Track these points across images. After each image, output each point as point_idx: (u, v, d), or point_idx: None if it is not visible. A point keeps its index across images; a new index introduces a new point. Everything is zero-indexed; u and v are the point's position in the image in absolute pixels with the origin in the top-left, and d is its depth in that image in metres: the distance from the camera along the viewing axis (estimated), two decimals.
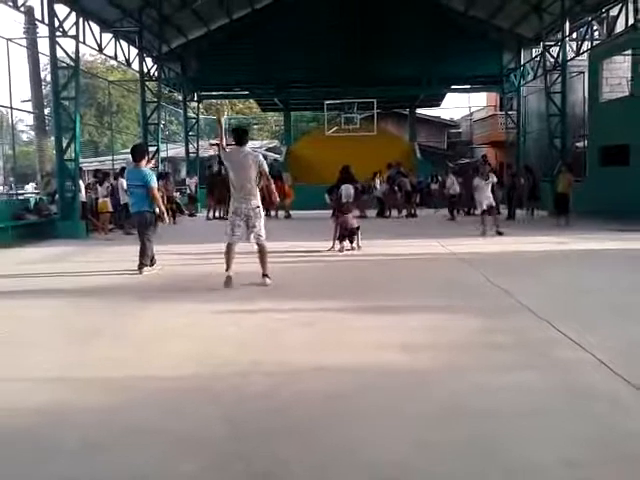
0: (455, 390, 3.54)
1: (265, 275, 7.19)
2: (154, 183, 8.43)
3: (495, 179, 13.22)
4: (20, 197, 17.24)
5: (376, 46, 23.32)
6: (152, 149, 19.81)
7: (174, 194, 19.24)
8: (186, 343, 4.73)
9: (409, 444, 2.84)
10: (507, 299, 6.17)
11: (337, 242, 10.55)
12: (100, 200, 15.21)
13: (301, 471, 2.61)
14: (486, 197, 12.94)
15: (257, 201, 7.06)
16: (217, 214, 19.62)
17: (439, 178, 23.06)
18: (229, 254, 7.14)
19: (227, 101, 45.02)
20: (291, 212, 20.48)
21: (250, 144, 38.07)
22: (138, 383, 3.78)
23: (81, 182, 15.48)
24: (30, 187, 25.99)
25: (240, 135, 7.28)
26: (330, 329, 5.11)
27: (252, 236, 7.10)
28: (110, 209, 15.26)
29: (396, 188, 19.71)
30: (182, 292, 6.99)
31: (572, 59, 19.83)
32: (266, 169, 7.18)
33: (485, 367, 3.98)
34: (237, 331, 5.09)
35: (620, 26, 16.71)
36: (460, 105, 73.77)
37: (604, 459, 2.65)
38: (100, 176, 16.01)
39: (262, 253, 7.20)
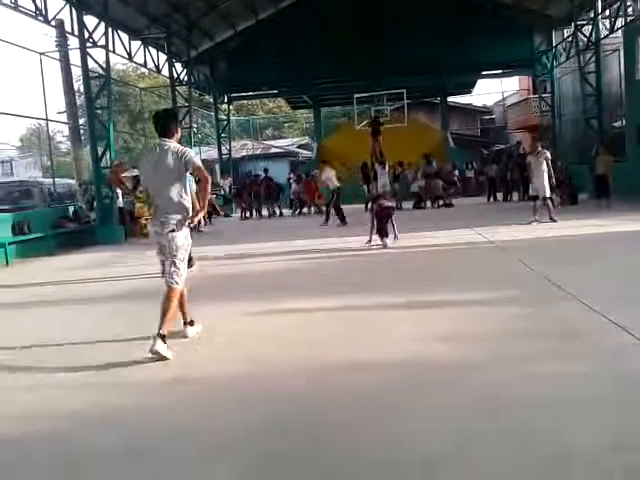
0: (499, 380, 3.48)
1: (159, 335, 4.36)
2: (193, 186, 8.50)
3: (549, 155, 12.30)
4: (59, 206, 17.63)
5: (404, 36, 23.06)
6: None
7: (210, 196, 19.41)
8: (224, 343, 4.76)
9: (452, 437, 2.80)
10: (548, 286, 6.03)
11: (375, 235, 10.42)
12: (137, 205, 15.47)
13: (348, 468, 2.59)
14: (538, 179, 12.12)
15: (175, 223, 4.62)
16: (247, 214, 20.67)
17: (474, 165, 22.81)
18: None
19: (257, 101, 45.27)
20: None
21: (281, 142, 37.96)
22: (177, 385, 3.81)
23: (118, 189, 15.75)
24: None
25: (161, 121, 4.82)
26: (369, 323, 5.08)
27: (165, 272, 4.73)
28: (147, 215, 15.52)
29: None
30: (219, 291, 7.05)
31: (605, 37, 19.31)
32: (199, 164, 4.72)
33: (529, 356, 3.90)
34: (275, 329, 5.10)
35: None
36: (492, 91, 72.72)
37: None
38: (135, 182, 16.27)
39: (167, 300, 4.57)
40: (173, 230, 4.60)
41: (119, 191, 15.68)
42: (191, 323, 5.04)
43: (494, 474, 2.45)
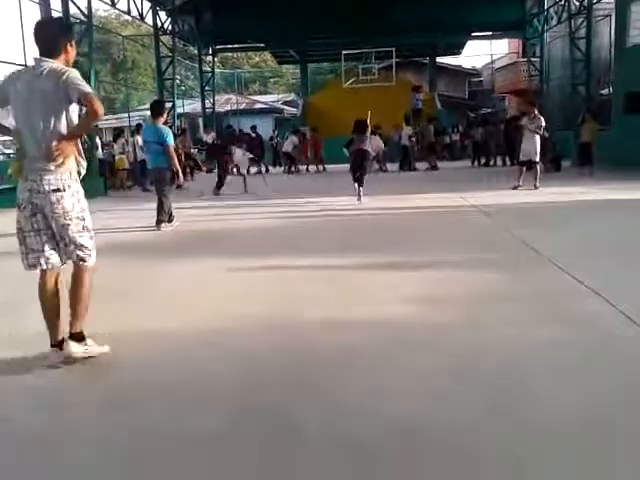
0: (474, 343, 3.50)
1: (75, 335, 3.36)
2: (171, 140, 8.38)
3: (544, 122, 12.14)
4: None
5: None
6: (168, 105, 19.67)
7: (191, 150, 19.16)
8: (202, 299, 4.73)
9: (426, 396, 2.82)
10: (528, 251, 6.06)
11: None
12: (117, 157, 15.23)
13: (316, 423, 2.60)
14: (530, 144, 12.06)
15: (60, 177, 3.27)
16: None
17: (460, 128, 22.73)
18: (43, 297, 3.42)
19: (243, 54, 44.43)
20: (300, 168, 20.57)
21: (266, 97, 37.49)
22: (155, 339, 3.79)
23: (98, 139, 15.46)
24: None
25: (42, 33, 3.37)
26: (347, 284, 5.07)
27: (64, 253, 3.39)
28: (127, 166, 15.31)
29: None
30: (199, 248, 7.00)
31: (598, 2, 19.09)
32: (88, 89, 3.20)
33: (504, 320, 3.91)
34: (252, 286, 5.09)
35: None
36: (481, 53, 72.06)
37: (626, 410, 2.60)
38: (115, 133, 16.02)
39: (77, 286, 3.40)
40: (58, 189, 3.26)
41: (99, 141, 15.44)
42: (77, 337, 3.39)
43: (463, 440, 2.46)
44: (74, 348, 3.32)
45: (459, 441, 2.42)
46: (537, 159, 12.10)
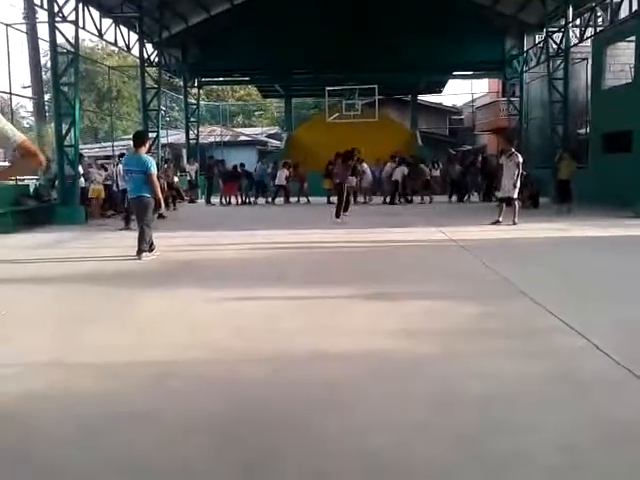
0: (452, 375, 3.53)
1: None
2: (154, 170, 8.42)
3: (521, 159, 12.25)
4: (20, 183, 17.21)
5: (378, 32, 23.06)
6: (152, 135, 19.77)
7: (174, 180, 19.20)
8: (184, 329, 4.72)
9: (405, 431, 2.83)
10: (505, 285, 6.15)
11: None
12: (92, 186, 15.20)
13: (296, 456, 2.60)
14: (508, 180, 12.24)
15: None
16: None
17: (440, 165, 23.05)
18: None
19: (228, 87, 44.86)
20: (291, 199, 20.89)
21: (250, 130, 37.79)
22: (135, 368, 3.77)
23: (81, 168, 15.44)
24: None
25: None
26: (327, 315, 5.09)
27: None
28: (102, 196, 15.34)
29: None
30: (180, 278, 6.98)
31: (575, 45, 19.69)
32: (21, 137, 2.90)
33: (481, 353, 3.97)
34: (235, 317, 5.08)
35: (624, 12, 16.55)
36: (462, 92, 73.51)
37: (598, 444, 2.64)
38: (96, 164, 16.05)
39: None
40: None
41: (81, 170, 15.42)
42: None
43: (441, 472, 2.48)
44: None
45: (439, 475, 2.44)
46: (515, 195, 12.32)
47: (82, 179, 15.36)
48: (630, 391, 3.26)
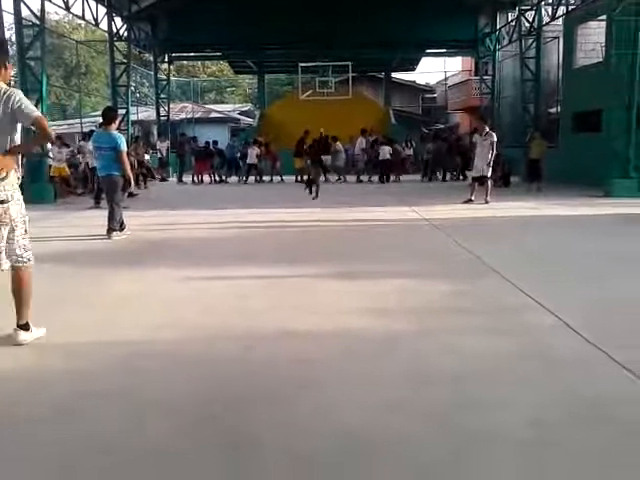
0: (425, 353, 3.56)
1: (21, 326, 3.79)
2: (124, 147, 8.28)
3: (495, 138, 12.33)
4: None
5: (351, 8, 22.81)
6: (122, 112, 19.39)
7: (145, 158, 18.91)
8: (154, 309, 4.67)
9: (378, 408, 2.84)
10: (476, 264, 6.21)
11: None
12: (53, 164, 14.89)
13: (271, 435, 2.59)
14: (482, 159, 12.34)
15: (4, 187, 3.62)
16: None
17: (413, 143, 23.09)
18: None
19: (199, 63, 44.19)
20: (264, 178, 20.80)
21: (222, 107, 37.29)
22: (106, 348, 3.72)
23: (49, 145, 15.10)
24: None
25: None
26: (299, 294, 5.08)
27: (4, 255, 3.76)
28: (68, 174, 15.05)
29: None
30: (151, 257, 6.90)
31: (547, 24, 19.76)
32: (37, 114, 3.66)
33: (454, 330, 4.00)
34: (205, 296, 5.05)
35: None
36: (435, 70, 73.48)
37: (567, 420, 2.68)
38: (57, 141, 15.63)
39: (20, 285, 3.79)
40: (3, 201, 3.62)
41: (50, 147, 15.08)
42: (26, 326, 3.83)
43: (413, 448, 2.50)
44: (22, 336, 3.75)
45: (412, 452, 2.45)
46: (488, 175, 12.40)
47: (50, 157, 15.06)
48: (599, 369, 3.31)
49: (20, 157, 3.84)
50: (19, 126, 3.72)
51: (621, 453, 2.42)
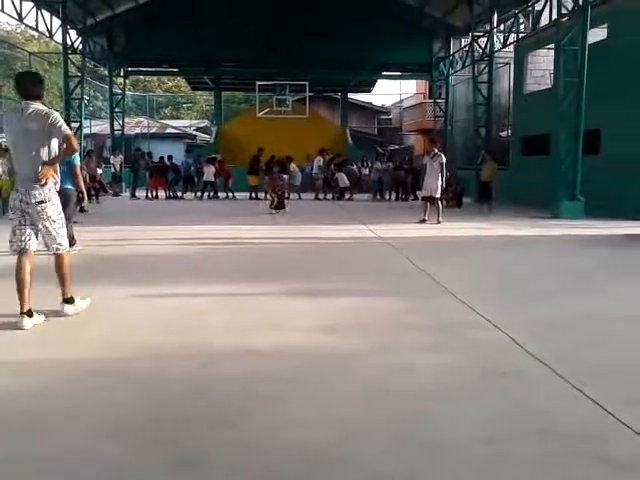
0: (378, 370, 3.59)
1: (66, 300, 4.84)
2: (77, 161, 8.10)
3: (444, 160, 12.61)
4: None
5: (309, 29, 23.10)
6: (75, 125, 19.07)
7: (98, 172, 18.59)
8: (105, 326, 4.58)
9: (334, 425, 2.85)
10: (429, 282, 6.31)
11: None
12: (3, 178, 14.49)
13: (225, 454, 2.57)
14: (431, 180, 12.52)
15: (43, 192, 4.49)
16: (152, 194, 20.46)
17: (369, 163, 23.39)
18: (20, 272, 4.57)
19: (155, 78, 43.87)
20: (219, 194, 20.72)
21: (178, 122, 37.00)
22: (58, 367, 3.63)
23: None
24: None
25: (25, 83, 4.59)
26: (255, 312, 5.07)
27: (46, 245, 4.79)
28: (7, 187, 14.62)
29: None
30: (103, 274, 6.77)
31: (499, 50, 20.40)
32: (68, 131, 4.56)
33: (407, 348, 4.05)
34: (159, 314, 4.98)
35: (545, 20, 17.27)
36: (391, 92, 74.68)
37: (518, 435, 2.75)
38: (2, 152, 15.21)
39: (61, 268, 4.82)
40: (42, 202, 4.49)
41: None
42: (71, 300, 4.88)
43: (370, 465, 2.51)
44: (67, 309, 4.79)
45: (367, 469, 2.47)
46: (438, 195, 12.62)
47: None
48: (546, 384, 3.40)
49: (58, 167, 4.72)
50: (54, 140, 4.52)
51: (566, 465, 2.49)
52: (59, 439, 2.69)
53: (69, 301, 4.83)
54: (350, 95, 33.33)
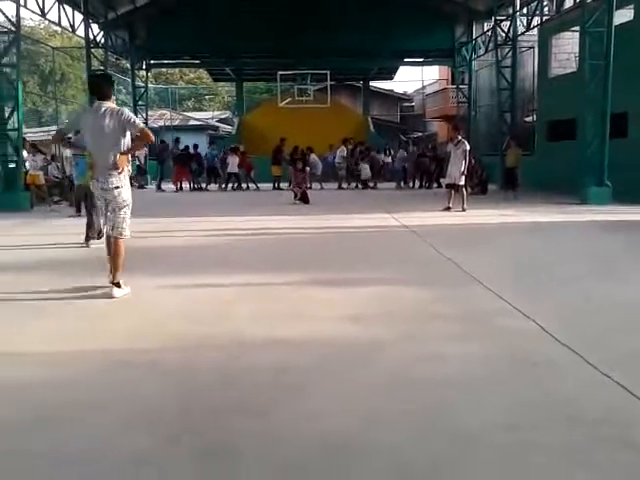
0: (403, 359, 3.60)
1: (115, 283, 5.24)
2: None
3: (468, 147, 12.46)
4: None
5: (330, 16, 23.00)
6: None
7: None
8: (135, 317, 4.65)
9: (360, 414, 2.87)
10: (455, 270, 6.28)
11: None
12: (30, 171, 14.72)
13: (253, 444, 2.60)
14: (454, 167, 12.43)
15: (119, 178, 5.14)
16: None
17: (391, 151, 23.27)
18: (108, 248, 5.40)
19: (177, 70, 44.05)
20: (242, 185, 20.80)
21: (201, 114, 37.15)
22: (87, 358, 3.69)
23: (24, 152, 14.95)
24: None
25: (98, 84, 5.28)
26: (281, 302, 5.10)
27: (108, 227, 5.36)
28: (42, 182, 14.84)
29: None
30: (130, 265, 6.84)
31: (522, 34, 20.09)
32: (142, 124, 5.29)
33: (433, 337, 4.05)
34: (188, 305, 5.04)
35: (569, 2, 16.97)
36: (413, 78, 74.07)
37: (544, 422, 2.74)
38: (32, 149, 15.44)
39: (116, 252, 5.27)
40: (118, 187, 5.11)
41: (25, 154, 14.94)
42: (118, 284, 5.24)
43: (394, 454, 2.53)
44: (115, 292, 5.14)
45: (393, 458, 2.48)
46: (461, 182, 12.52)
47: (27, 163, 14.90)
48: (574, 371, 3.38)
49: (130, 156, 5.39)
50: (128, 134, 5.10)
51: (591, 451, 2.48)
52: (87, 430, 2.74)
53: (118, 285, 5.20)
54: (372, 83, 33.14)
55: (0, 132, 14.31)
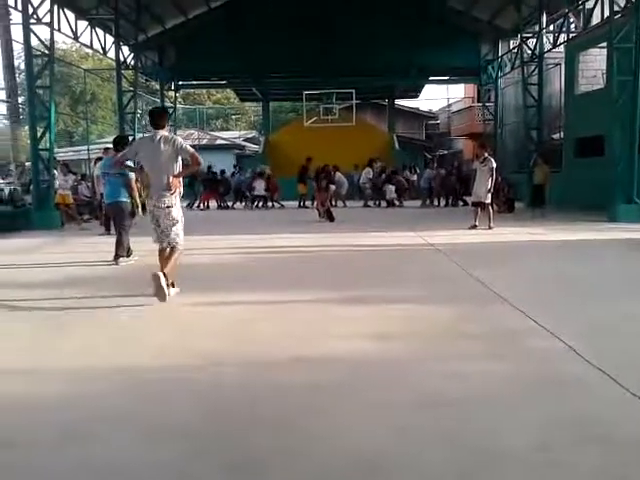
0: (431, 378, 3.58)
1: (169, 285, 5.70)
2: (132, 174, 8.35)
3: (494, 164, 12.30)
4: None
5: (355, 36, 23.21)
6: (130, 139, 19.60)
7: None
8: (163, 334, 4.70)
9: (388, 432, 2.86)
10: (481, 289, 6.23)
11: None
12: (59, 191, 14.96)
13: (279, 461, 2.61)
14: (480, 185, 12.32)
15: (171, 199, 5.79)
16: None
17: (417, 169, 23.26)
18: (160, 258, 6.00)
19: (205, 91, 44.71)
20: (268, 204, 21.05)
21: (228, 134, 37.52)
22: (115, 374, 3.74)
23: (56, 172, 15.28)
24: None
25: (155, 117, 6.00)
26: (307, 320, 5.11)
27: (165, 243, 5.92)
28: (71, 201, 15.05)
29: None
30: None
31: (549, 51, 20.00)
32: (192, 150, 5.87)
33: (460, 356, 4.02)
34: (214, 322, 5.08)
35: (596, 18, 16.86)
36: (438, 96, 74.06)
37: (574, 442, 2.70)
38: (64, 169, 15.73)
39: (171, 256, 5.91)
40: (169, 206, 5.76)
41: (56, 173, 15.25)
42: (173, 285, 5.90)
43: (423, 472, 2.51)
44: (170, 290, 5.61)
45: (422, 476, 2.47)
46: (487, 201, 12.43)
47: (57, 183, 15.20)
48: (604, 391, 3.33)
49: (181, 179, 6.05)
50: (180, 158, 5.79)
51: (623, 473, 2.43)
52: (118, 444, 2.77)
53: (172, 285, 5.81)
54: (397, 101, 33.24)
55: (33, 152, 14.67)
